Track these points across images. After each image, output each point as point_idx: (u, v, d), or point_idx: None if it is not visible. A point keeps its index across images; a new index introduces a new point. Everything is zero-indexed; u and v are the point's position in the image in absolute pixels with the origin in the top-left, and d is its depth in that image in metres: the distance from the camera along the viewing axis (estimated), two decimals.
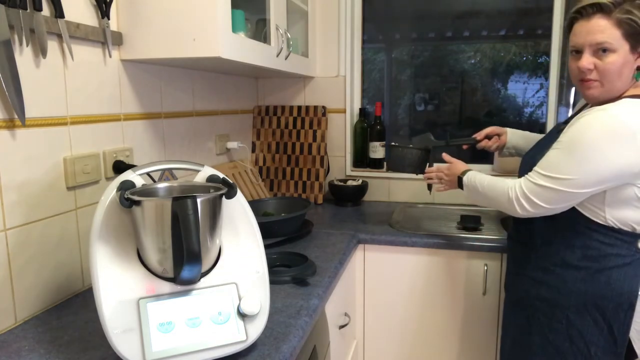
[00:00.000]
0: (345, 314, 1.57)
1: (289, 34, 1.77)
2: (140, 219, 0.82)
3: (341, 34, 2.20)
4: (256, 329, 0.89)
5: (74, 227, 1.18)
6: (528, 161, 1.27)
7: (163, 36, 1.27)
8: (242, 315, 0.88)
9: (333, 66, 2.24)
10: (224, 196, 0.88)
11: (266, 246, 1.00)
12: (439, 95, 2.33)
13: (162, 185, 0.92)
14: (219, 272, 0.91)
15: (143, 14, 1.27)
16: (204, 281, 0.89)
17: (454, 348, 1.72)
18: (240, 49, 1.38)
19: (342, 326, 1.51)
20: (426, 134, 1.66)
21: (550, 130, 1.42)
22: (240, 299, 0.89)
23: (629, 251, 1.14)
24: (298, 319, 1.05)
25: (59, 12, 1.07)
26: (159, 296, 0.84)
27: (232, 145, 1.99)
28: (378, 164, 2.25)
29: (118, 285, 0.82)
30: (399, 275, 1.72)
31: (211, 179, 0.92)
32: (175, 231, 0.80)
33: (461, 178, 1.40)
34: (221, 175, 0.93)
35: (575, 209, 1.16)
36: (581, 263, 1.17)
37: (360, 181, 2.19)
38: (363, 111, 2.27)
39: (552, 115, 2.10)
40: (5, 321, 1.01)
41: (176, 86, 1.61)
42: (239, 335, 0.87)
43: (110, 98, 1.29)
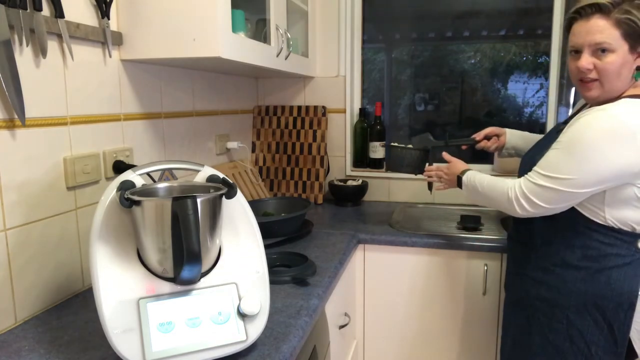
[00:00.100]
0: (345, 314, 1.57)
1: (289, 34, 1.77)
2: (140, 219, 0.82)
3: (341, 34, 2.20)
4: (256, 329, 0.89)
5: (74, 227, 1.19)
6: (527, 161, 1.27)
7: (163, 36, 1.27)
8: (242, 315, 0.88)
9: (333, 66, 2.24)
10: (224, 196, 0.88)
11: (266, 246, 1.00)
12: (439, 95, 2.33)
13: (162, 185, 0.92)
14: (219, 272, 0.91)
15: (143, 14, 1.27)
16: (204, 281, 0.89)
17: (454, 348, 1.72)
18: (240, 49, 1.38)
19: (342, 326, 1.51)
20: (425, 135, 1.66)
21: (549, 130, 1.42)
22: (240, 299, 0.89)
23: (629, 251, 1.14)
24: (298, 319, 1.05)
25: (59, 12, 1.07)
26: (159, 296, 0.84)
27: (232, 145, 1.99)
28: (378, 164, 2.25)
29: (118, 285, 0.83)
30: (399, 275, 1.72)
31: (211, 179, 0.93)
32: (175, 231, 0.80)
33: (460, 177, 1.40)
34: (221, 175, 0.93)
35: (575, 209, 1.16)
36: (581, 263, 1.17)
37: (360, 181, 2.19)
38: (363, 111, 2.27)
39: (552, 115, 2.10)
40: (5, 321, 1.01)
41: (176, 86, 1.61)
42: (239, 335, 0.87)
43: (110, 98, 1.29)
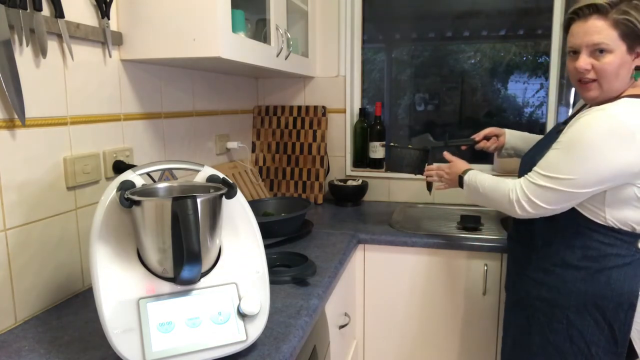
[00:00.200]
0: (345, 314, 1.57)
1: (289, 34, 1.77)
2: (140, 219, 0.82)
3: (341, 34, 2.20)
4: (256, 329, 0.89)
5: (74, 227, 1.19)
6: (527, 162, 1.27)
7: (163, 36, 1.27)
8: (242, 315, 0.88)
9: (333, 66, 2.23)
10: (224, 196, 0.88)
11: (266, 246, 1.00)
12: (439, 95, 2.33)
13: (162, 185, 0.92)
14: (219, 272, 0.91)
15: (143, 14, 1.27)
16: (204, 281, 0.89)
17: (454, 348, 1.72)
18: (240, 49, 1.38)
19: (342, 326, 1.51)
20: (425, 135, 1.67)
21: (549, 130, 1.42)
22: (240, 299, 0.89)
23: (629, 251, 1.14)
24: (298, 319, 1.05)
25: (59, 12, 1.07)
26: (159, 296, 0.84)
27: (232, 145, 1.99)
28: (378, 164, 2.25)
29: (118, 285, 0.83)
30: (399, 275, 1.72)
31: (211, 179, 0.92)
32: (175, 231, 0.80)
33: (462, 177, 1.40)
34: (221, 175, 0.93)
35: (575, 210, 1.16)
36: (581, 263, 1.17)
37: (360, 181, 2.19)
38: (363, 111, 2.27)
39: (552, 115, 2.10)
40: (5, 321, 1.01)
41: (176, 86, 1.61)
42: (239, 335, 0.87)
43: (110, 98, 1.29)
